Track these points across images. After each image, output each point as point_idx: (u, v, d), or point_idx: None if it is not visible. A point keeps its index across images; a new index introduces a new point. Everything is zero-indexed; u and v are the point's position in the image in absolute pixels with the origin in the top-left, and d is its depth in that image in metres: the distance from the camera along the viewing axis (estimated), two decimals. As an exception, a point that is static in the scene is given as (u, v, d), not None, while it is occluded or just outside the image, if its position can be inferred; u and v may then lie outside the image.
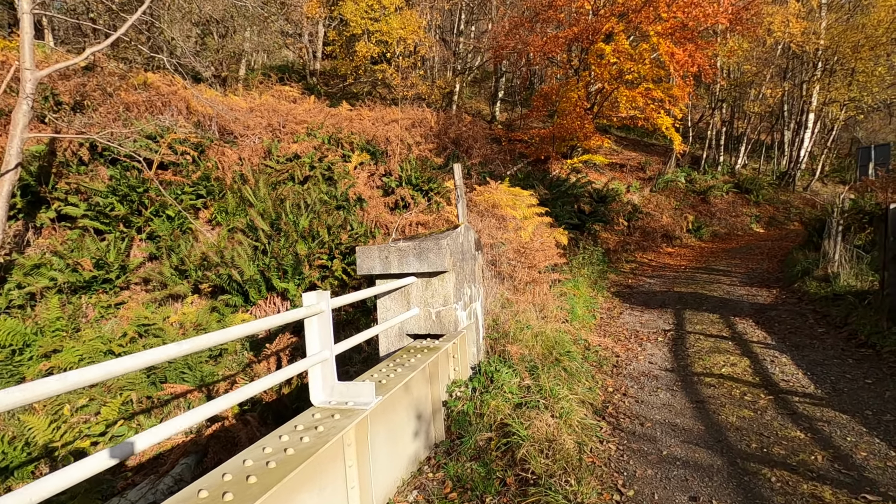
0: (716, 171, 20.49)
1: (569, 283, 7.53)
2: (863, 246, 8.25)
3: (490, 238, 5.69)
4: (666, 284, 8.70)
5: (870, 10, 16.71)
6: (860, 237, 9.20)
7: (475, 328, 3.98)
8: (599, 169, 17.65)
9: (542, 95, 14.85)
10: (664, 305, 7.14)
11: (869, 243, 8.40)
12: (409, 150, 12.33)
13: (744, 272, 9.59)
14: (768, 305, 6.75)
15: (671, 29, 12.60)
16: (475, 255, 4.10)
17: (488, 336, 4.31)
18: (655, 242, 13.26)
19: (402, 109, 15.78)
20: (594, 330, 6.06)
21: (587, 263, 9.17)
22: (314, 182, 9.76)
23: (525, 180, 12.46)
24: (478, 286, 4.18)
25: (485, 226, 5.98)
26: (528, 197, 8.60)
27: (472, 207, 6.54)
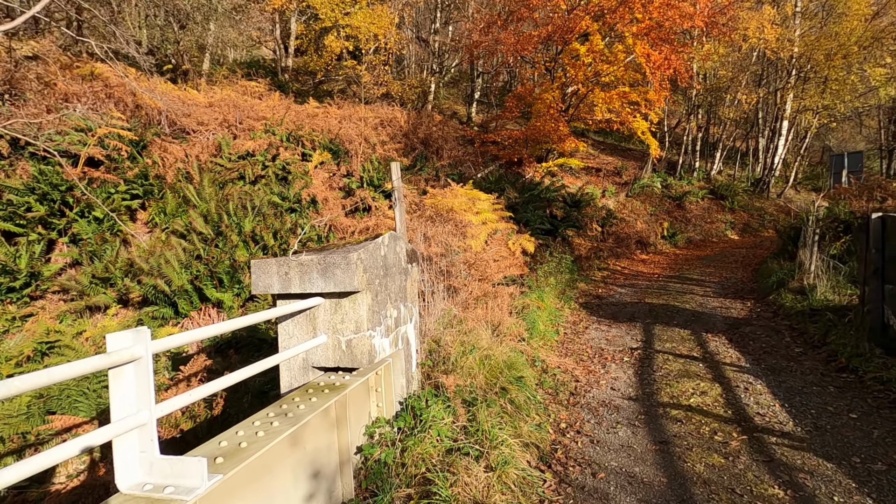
0: (691, 177, 20.35)
1: (533, 293, 6.99)
2: (838, 256, 7.93)
3: (441, 247, 5.10)
4: (637, 295, 8.24)
5: (842, 18, 16.73)
6: (835, 246, 8.91)
7: (404, 356, 3.37)
8: (575, 173, 17.27)
9: (516, 96, 14.37)
10: (633, 319, 6.65)
11: (845, 252, 8.09)
12: (373, 149, 11.71)
13: (717, 281, 9.20)
14: (742, 320, 6.31)
15: (646, 29, 12.24)
16: (406, 270, 3.49)
17: (424, 363, 3.70)
18: (629, 249, 12.87)
19: (373, 108, 15.15)
20: (555, 348, 5.52)
21: (556, 272, 8.66)
22: (266, 182, 9.05)
23: (496, 183, 11.94)
24: (410, 305, 3.57)
25: (438, 232, 5.39)
26: (492, 200, 8.06)
27: (423, 211, 5.94)
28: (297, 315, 2.90)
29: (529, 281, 7.43)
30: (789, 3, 17.56)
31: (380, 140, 12.29)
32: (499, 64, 17.68)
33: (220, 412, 4.55)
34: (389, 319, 3.11)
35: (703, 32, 14.22)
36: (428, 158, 12.85)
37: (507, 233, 8.13)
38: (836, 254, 8.43)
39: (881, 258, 4.77)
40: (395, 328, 3.20)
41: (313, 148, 10.65)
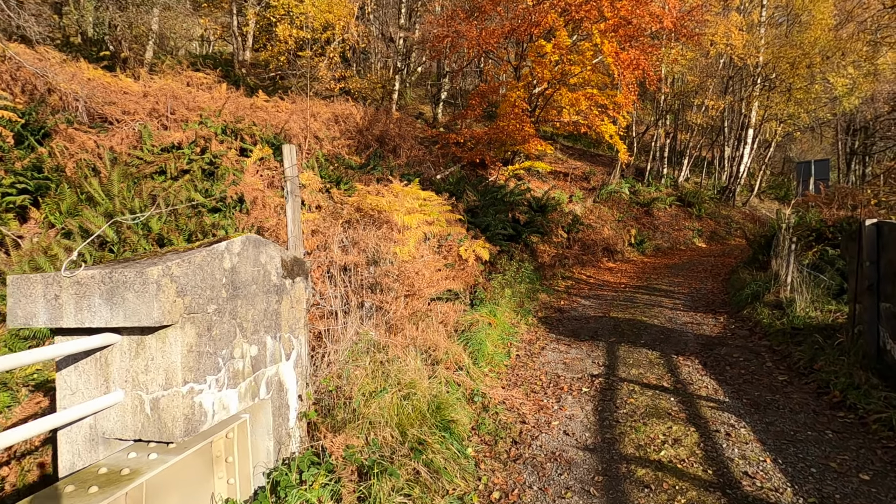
0: (659, 184, 20.05)
1: (485, 308, 6.12)
2: (810, 265, 7.38)
3: (365, 254, 4.16)
4: (602, 307, 7.49)
5: (806, 28, 16.72)
6: (807, 256, 8.43)
7: (275, 407, 2.41)
8: (542, 177, 16.63)
9: (480, 94, 13.60)
10: (596, 337, 5.85)
11: (818, 262, 7.55)
12: (320, 146, 10.71)
13: (687, 293, 8.57)
14: (716, 338, 5.60)
15: (614, 26, 11.67)
16: (281, 287, 2.53)
17: (308, 414, 2.74)
18: (596, 256, 12.21)
19: (329, 104, 14.12)
20: (504, 376, 4.64)
21: (514, 282, 7.84)
22: (191, 178, 7.91)
23: (456, 185, 11.07)
24: (289, 336, 2.61)
25: (363, 237, 4.45)
26: (441, 201, 7.18)
27: (356, 212, 4.99)
28: (81, 360, 1.91)
29: (481, 293, 6.56)
30: (755, 11, 17.47)
31: (330, 136, 11.31)
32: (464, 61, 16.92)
33: None
34: (239, 362, 2.15)
35: (671, 36, 13.80)
36: (383, 157, 11.91)
37: (460, 238, 7.26)
38: (809, 263, 7.94)
39: (876, 272, 4.10)
40: (251, 373, 2.24)
41: (254, 142, 9.60)
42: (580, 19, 12.58)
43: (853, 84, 16.67)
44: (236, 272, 2.16)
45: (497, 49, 13.65)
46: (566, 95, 13.37)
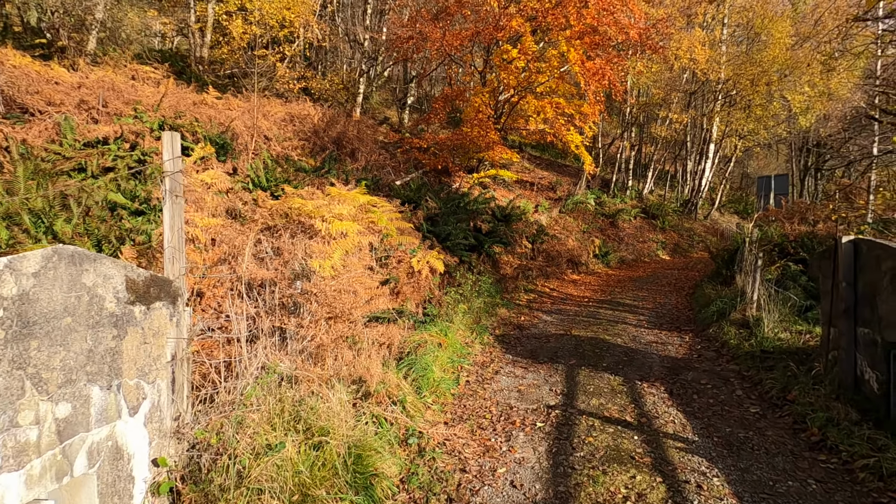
0: (624, 196, 20.08)
1: (435, 326, 5.54)
2: (774, 280, 7.16)
3: (282, 269, 3.52)
4: (564, 324, 7.04)
5: (766, 46, 17.08)
6: (770, 271, 8.25)
7: (103, 486, 1.76)
8: (508, 186, 16.29)
9: (444, 98, 13.13)
10: (556, 358, 5.36)
11: (782, 277, 7.35)
12: (269, 146, 9.98)
13: (651, 308, 8.25)
14: (682, 361, 5.21)
15: (580, 33, 11.44)
16: (127, 319, 1.88)
17: (161, 488, 2.08)
18: (560, 268, 11.86)
19: (286, 104, 13.37)
20: (449, 408, 4.06)
21: (471, 296, 7.30)
22: (115, 176, 7.05)
23: (417, 191, 10.50)
24: (146, 383, 1.96)
25: (287, 247, 3.81)
26: (391, 207, 6.60)
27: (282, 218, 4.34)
28: None
29: (433, 309, 5.98)
30: (718, 28, 17.78)
31: (282, 137, 10.59)
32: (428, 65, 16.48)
33: None
34: (29, 430, 1.49)
35: (637, 48, 13.74)
36: (340, 161, 11.25)
37: (413, 248, 6.69)
38: (772, 279, 7.75)
39: (853, 294, 3.75)
40: (57, 442, 1.58)
41: (196, 140, 8.78)
42: (546, 28, 12.34)
43: (809, 102, 17.11)
44: (30, 301, 1.50)
45: (462, 52, 13.25)
46: (532, 103, 13.08)
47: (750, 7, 17.23)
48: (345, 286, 3.33)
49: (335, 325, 3.31)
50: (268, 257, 3.78)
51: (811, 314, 5.94)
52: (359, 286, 3.80)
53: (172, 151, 2.52)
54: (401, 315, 4.78)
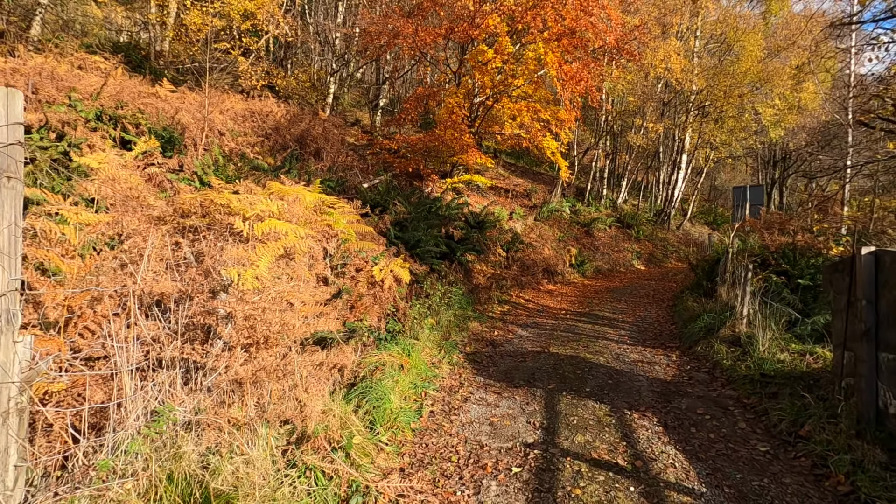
0: (599, 204, 19.87)
1: (396, 345, 4.85)
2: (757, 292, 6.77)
3: (199, 279, 2.78)
4: (541, 339, 6.45)
5: (738, 58, 17.18)
6: (752, 282, 7.90)
7: None
8: (482, 192, 15.76)
9: (417, 98, 12.51)
10: (533, 381, 4.74)
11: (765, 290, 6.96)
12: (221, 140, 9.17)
13: (632, 321, 7.77)
14: (672, 385, 4.66)
15: (558, 34, 11.04)
16: None
17: None
18: (535, 278, 11.33)
19: (246, 99, 12.52)
20: (407, 448, 3.37)
21: (441, 308, 6.63)
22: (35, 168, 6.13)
23: (385, 194, 9.81)
24: None
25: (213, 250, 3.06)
26: (349, 209, 5.90)
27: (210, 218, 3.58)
28: None
29: (395, 324, 5.29)
30: (692, 39, 17.82)
31: (238, 132, 9.76)
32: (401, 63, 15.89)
33: None
34: None
35: (614, 54, 13.48)
36: (302, 160, 10.47)
37: (375, 255, 5.99)
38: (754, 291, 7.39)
39: (874, 314, 3.26)
40: None
41: (140, 133, 7.90)
42: (524, 29, 11.91)
43: (779, 115, 17.27)
44: None
45: (435, 51, 12.69)
46: (508, 106, 12.62)
47: (723, 20, 17.33)
48: (273, 302, 2.61)
49: (260, 351, 2.58)
50: (185, 265, 3.03)
51: (799, 329, 5.53)
52: (297, 300, 3.08)
53: (7, 115, 1.78)
54: (354, 333, 4.07)
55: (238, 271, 2.52)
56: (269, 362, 2.57)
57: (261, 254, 2.83)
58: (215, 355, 2.42)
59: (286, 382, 2.84)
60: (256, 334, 2.47)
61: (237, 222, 3.00)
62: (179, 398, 2.35)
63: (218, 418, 2.33)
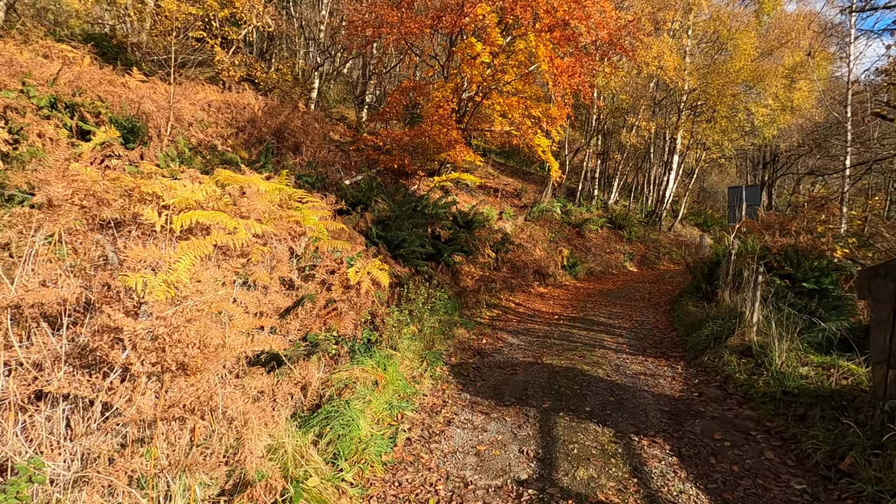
0: (590, 205, 19.46)
1: (371, 358, 4.27)
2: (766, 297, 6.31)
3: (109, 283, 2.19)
4: (533, 348, 5.91)
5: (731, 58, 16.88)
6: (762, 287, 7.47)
7: None
8: (471, 191, 15.23)
9: (402, 90, 11.93)
10: (525, 399, 4.19)
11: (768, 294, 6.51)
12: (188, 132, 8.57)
13: (629, 327, 7.27)
14: (682, 402, 4.15)
15: (550, 26, 10.55)
16: None
17: None
18: (526, 280, 10.82)
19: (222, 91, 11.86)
20: (375, 489, 2.80)
21: (424, 314, 6.06)
22: (-31, 158, 5.52)
23: (368, 192, 9.22)
24: None
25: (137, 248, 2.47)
26: (320, 204, 5.32)
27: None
28: None
29: (368, 333, 4.71)
30: (685, 37, 17.50)
31: (209, 122, 9.14)
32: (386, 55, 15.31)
33: None
34: None
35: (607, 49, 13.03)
36: (279, 154, 9.84)
37: (351, 256, 5.42)
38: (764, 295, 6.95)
39: (928, 325, 2.77)
40: None
41: (99, 123, 7.28)
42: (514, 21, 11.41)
43: (772, 115, 17.00)
44: None
45: (422, 41, 12.14)
46: (498, 101, 12.10)
47: (717, 17, 17.03)
48: (197, 315, 2.01)
49: (177, 380, 2.00)
50: (99, 267, 2.43)
51: (809, 337, 5.07)
52: (240, 312, 2.49)
53: None
54: (316, 347, 3.49)
55: (142, 277, 1.93)
56: (190, 393, 1.98)
57: (181, 254, 2.24)
58: (107, 388, 1.83)
59: (214, 416, 2.25)
60: (167, 359, 1.89)
61: (147, 212, 2.40)
62: (61, 446, 1.75)
63: (112, 472, 1.74)
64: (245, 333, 2.52)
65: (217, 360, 2.04)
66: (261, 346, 2.48)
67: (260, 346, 2.46)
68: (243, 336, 2.49)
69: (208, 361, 1.97)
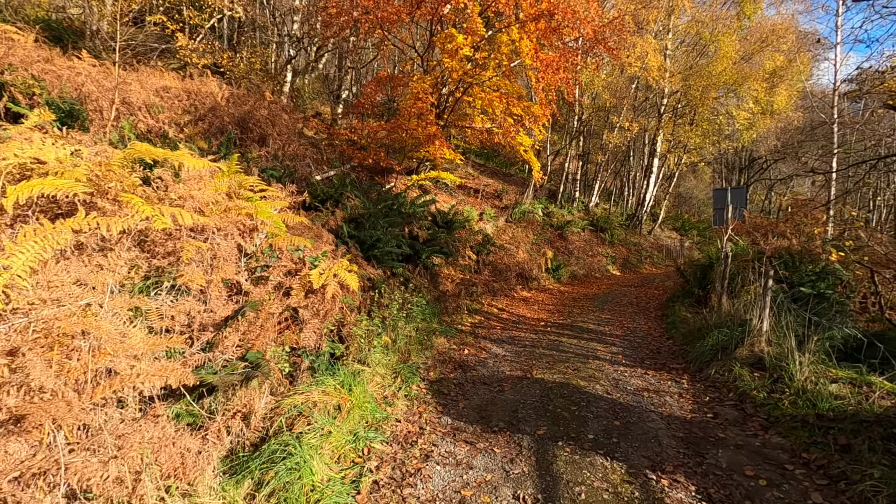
0: (572, 207, 19.09)
1: (335, 377, 3.58)
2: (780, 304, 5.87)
3: None
4: (521, 360, 5.30)
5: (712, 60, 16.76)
6: (748, 290, 7.06)
7: None
8: (451, 191, 14.62)
9: (378, 81, 11.23)
10: (517, 424, 3.57)
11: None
12: (136, 118, 7.76)
13: (621, 335, 6.75)
14: (697, 426, 3.59)
15: (534, 16, 10.04)
16: None
17: None
18: (509, 284, 10.24)
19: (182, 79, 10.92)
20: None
21: (398, 323, 5.39)
22: None
23: (341, 187, 8.50)
24: None
25: None
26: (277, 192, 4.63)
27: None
28: None
29: (335, 347, 4.02)
30: (667, 38, 17.32)
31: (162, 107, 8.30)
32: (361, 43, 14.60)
33: None
34: None
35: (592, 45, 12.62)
36: (244, 146, 9.01)
37: (315, 256, 4.73)
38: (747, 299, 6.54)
39: None
40: None
41: (33, 104, 6.38)
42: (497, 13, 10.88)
43: (753, 119, 16.95)
44: None
45: (399, 29, 11.49)
46: (479, 96, 11.54)
47: (699, 19, 16.90)
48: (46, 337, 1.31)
49: (7, 439, 1.30)
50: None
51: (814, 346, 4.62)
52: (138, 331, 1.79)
53: None
54: (258, 368, 2.79)
55: None
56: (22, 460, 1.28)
57: (20, 245, 1.52)
58: None
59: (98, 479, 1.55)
60: None
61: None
62: None
63: None
64: (148, 357, 1.81)
65: (71, 407, 1.34)
66: (152, 380, 1.77)
67: (151, 379, 1.75)
68: (147, 362, 1.78)
69: (53, 408, 1.27)
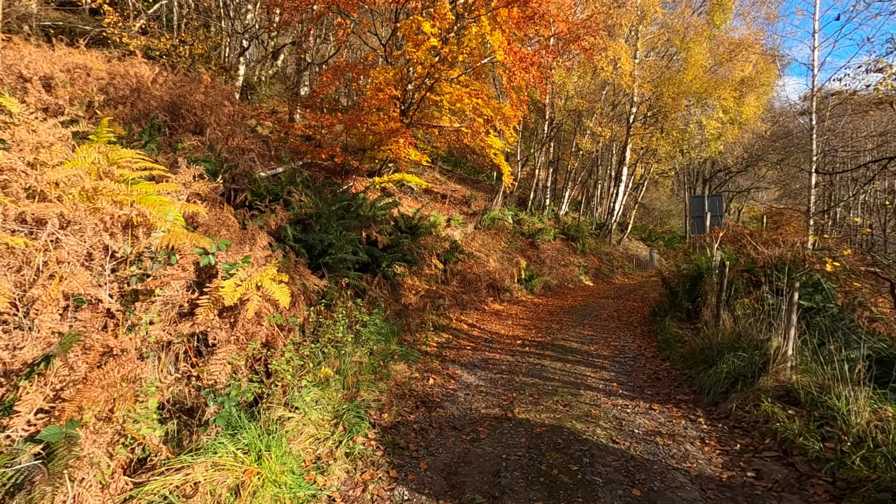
0: (542, 215, 18.43)
1: (240, 436, 2.45)
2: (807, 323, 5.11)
3: None
4: (499, 392, 4.30)
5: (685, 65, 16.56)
6: (743, 303, 6.38)
7: None
8: (416, 195, 13.60)
9: (336, 69, 10.12)
10: (500, 498, 2.54)
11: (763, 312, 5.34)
12: (34, 97, 6.45)
13: (610, 355, 5.86)
14: (740, 492, 2.67)
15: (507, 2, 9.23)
16: None
17: None
18: (479, 295, 9.27)
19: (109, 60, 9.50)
20: None
21: (347, 345, 4.27)
22: None
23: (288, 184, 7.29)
24: None
25: None
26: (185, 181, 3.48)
27: None
28: None
29: (253, 385, 2.88)
30: (640, 43, 17.02)
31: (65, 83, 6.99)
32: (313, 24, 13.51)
33: None
34: None
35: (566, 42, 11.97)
36: (173, 134, 7.71)
37: (234, 263, 3.56)
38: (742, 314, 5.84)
39: None
40: None
41: None
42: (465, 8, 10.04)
43: (721, 129, 16.82)
44: None
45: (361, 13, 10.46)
46: (447, 90, 10.64)
47: (670, 26, 16.69)
48: None
49: None
50: None
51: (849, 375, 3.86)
52: None
53: None
54: (50, 457, 1.65)
55: None
56: None
57: None
58: None
59: None
60: None
61: None
62: None
63: None
64: None
65: None
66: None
67: None
68: None
69: None
